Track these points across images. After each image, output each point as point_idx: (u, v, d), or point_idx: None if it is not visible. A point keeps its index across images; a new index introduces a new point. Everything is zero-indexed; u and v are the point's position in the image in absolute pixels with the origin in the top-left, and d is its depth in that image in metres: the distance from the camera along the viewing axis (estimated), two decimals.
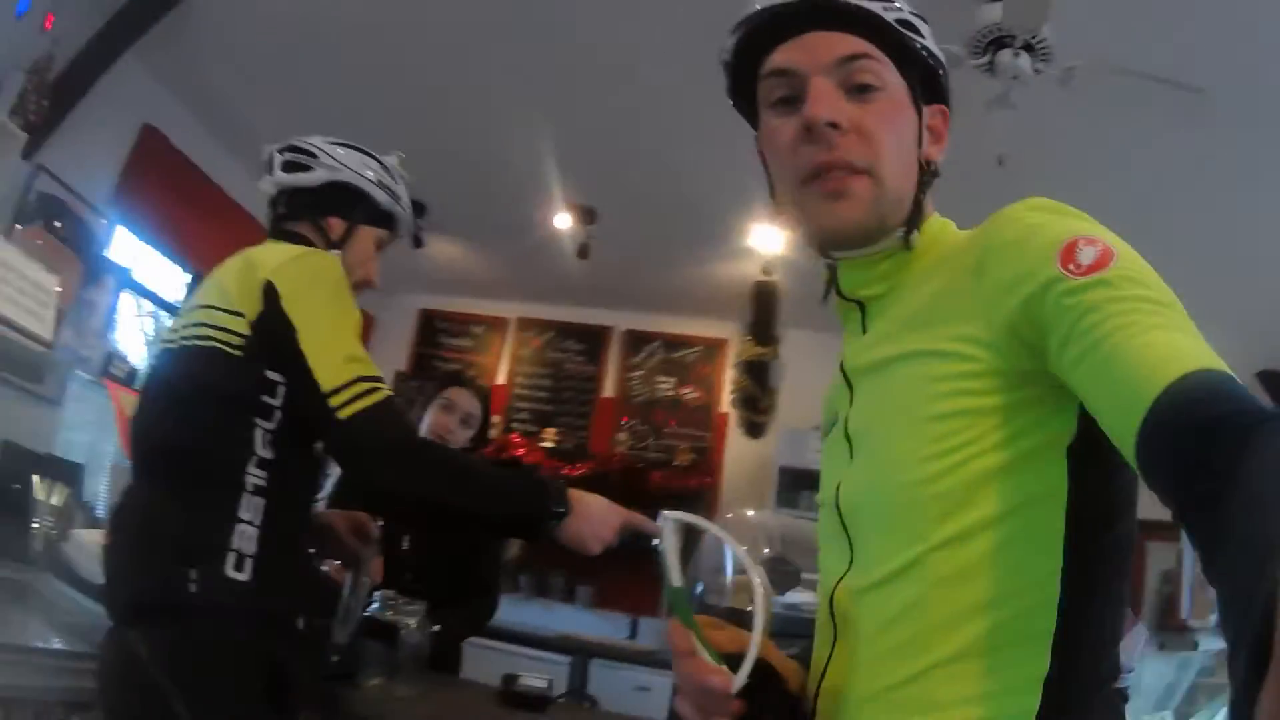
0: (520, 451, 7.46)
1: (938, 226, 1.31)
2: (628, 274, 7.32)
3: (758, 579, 1.18)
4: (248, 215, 6.20)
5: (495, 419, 8.03)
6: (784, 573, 2.89)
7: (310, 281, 2.04)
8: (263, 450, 1.97)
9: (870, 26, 1.24)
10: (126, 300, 5.18)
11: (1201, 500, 0.71)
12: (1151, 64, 3.82)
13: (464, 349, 8.63)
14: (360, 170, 2.42)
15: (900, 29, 1.25)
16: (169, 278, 6.12)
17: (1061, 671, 1.02)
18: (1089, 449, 1.03)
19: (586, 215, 6.35)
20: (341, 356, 1.95)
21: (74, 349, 3.03)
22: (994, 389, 1.06)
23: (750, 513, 3.73)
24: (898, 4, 1.27)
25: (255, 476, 1.96)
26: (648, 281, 7.51)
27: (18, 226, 4.10)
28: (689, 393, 8.23)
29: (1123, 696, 1.10)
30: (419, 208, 6.50)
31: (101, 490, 3.13)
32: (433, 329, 8.66)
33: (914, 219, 1.26)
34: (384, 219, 2.49)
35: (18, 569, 2.72)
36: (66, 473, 3.09)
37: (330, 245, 2.34)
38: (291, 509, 2.06)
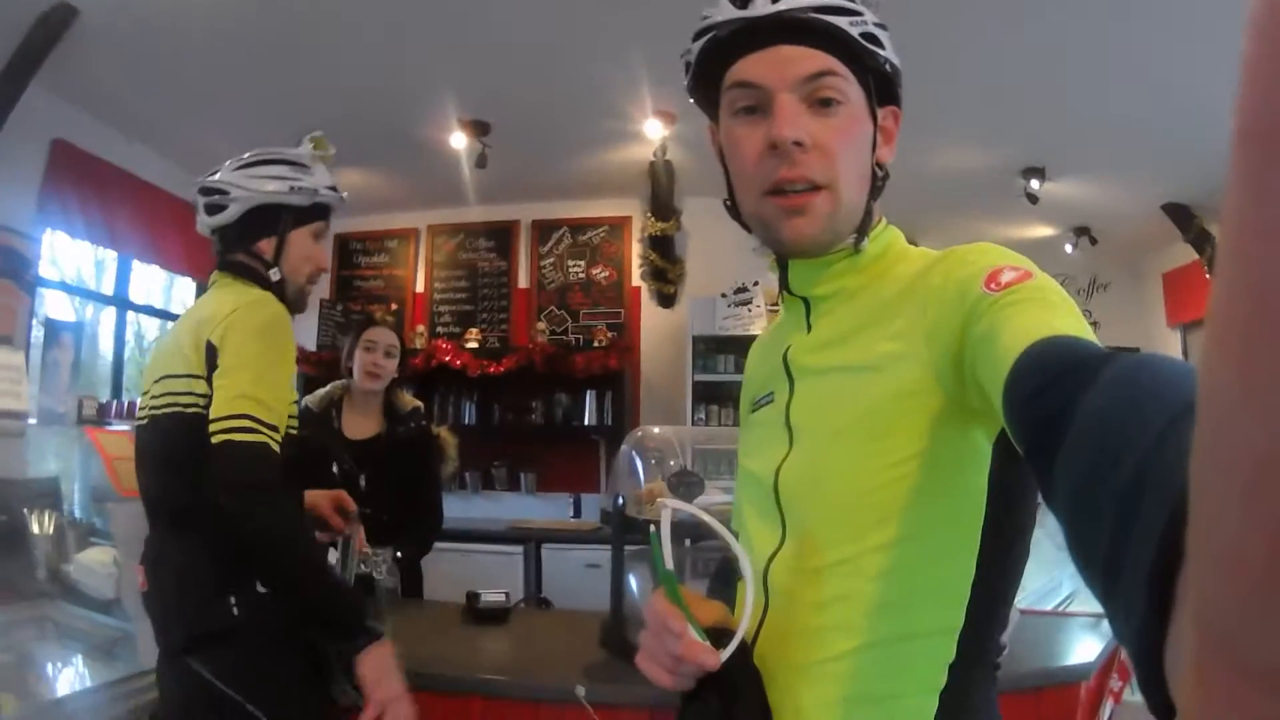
0: (447, 357, 7.59)
1: (889, 237, 1.38)
2: (528, 169, 7.33)
3: (747, 564, 1.24)
4: (165, 194, 6.67)
5: (420, 328, 8.29)
6: (690, 483, 3.17)
7: (238, 332, 2.23)
8: None
9: (835, 41, 1.27)
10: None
11: (1044, 431, 0.76)
12: None
13: (381, 265, 8.76)
14: (268, 188, 2.48)
15: (864, 43, 1.29)
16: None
17: (964, 658, 1.18)
18: (1007, 473, 1.15)
19: (480, 129, 6.44)
20: (237, 393, 2.14)
21: (50, 409, 3.18)
22: (929, 412, 1.14)
23: (657, 429, 3.98)
24: (864, 16, 1.30)
25: None
26: (548, 173, 7.56)
27: None
28: (600, 272, 8.40)
29: (997, 667, 1.38)
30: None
31: (81, 509, 3.25)
32: (349, 251, 8.81)
33: (864, 226, 1.33)
34: (310, 213, 2.56)
35: (30, 605, 2.91)
36: (48, 493, 3.14)
37: (267, 265, 2.49)
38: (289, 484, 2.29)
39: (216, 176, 2.50)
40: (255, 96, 6.07)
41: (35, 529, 3.03)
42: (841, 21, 1.27)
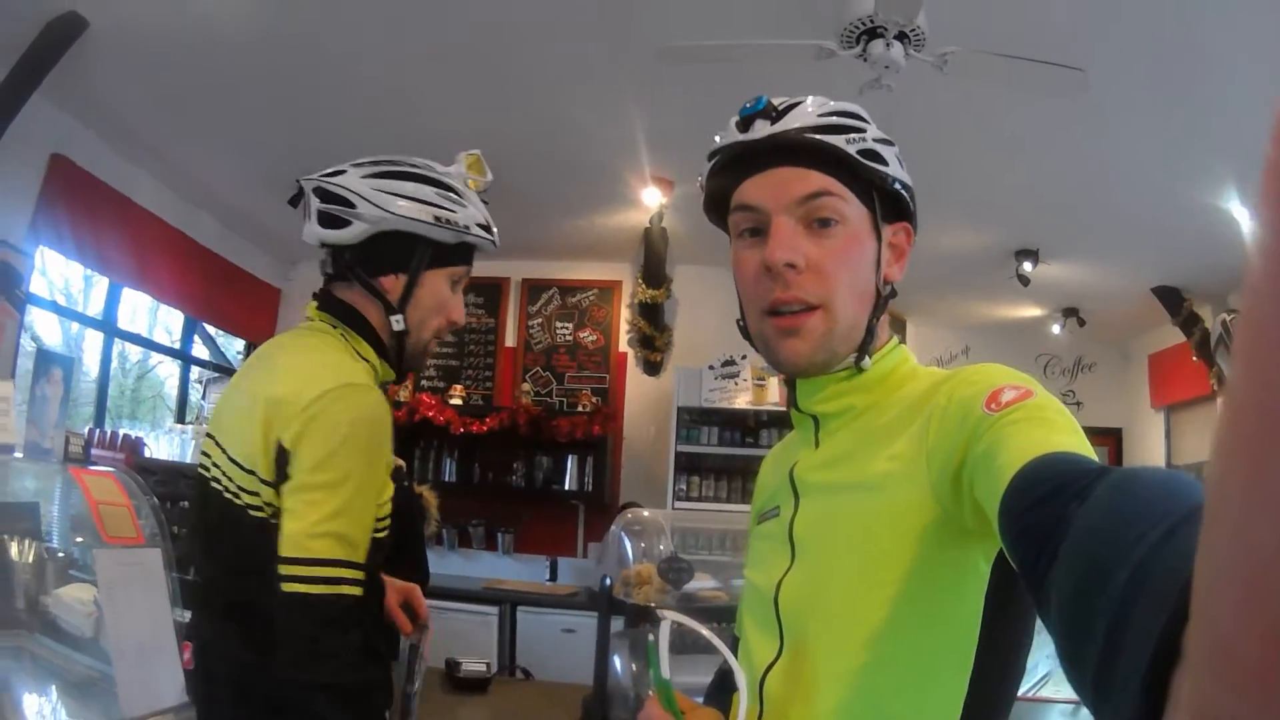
0: (431, 412, 7.54)
1: (897, 357, 1.38)
2: (521, 227, 7.27)
3: (742, 676, 1.27)
4: (159, 220, 6.62)
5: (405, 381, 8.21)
6: (679, 569, 3.16)
7: (317, 433, 1.82)
8: None
9: (834, 161, 1.30)
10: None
11: (1037, 546, 0.76)
12: (1027, 46, 3.97)
13: None
14: (410, 213, 1.99)
15: (863, 160, 1.30)
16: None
17: None
18: (1003, 593, 1.14)
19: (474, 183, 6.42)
20: (316, 528, 1.77)
21: (37, 443, 3.09)
22: (926, 532, 1.15)
23: (646, 513, 3.97)
24: (864, 133, 1.32)
25: None
26: (540, 232, 7.56)
27: None
28: (587, 336, 8.39)
29: None
30: (295, 200, 6.48)
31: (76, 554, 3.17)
32: None
33: (865, 344, 1.34)
34: (452, 253, 2.10)
35: (7, 634, 2.82)
36: (25, 518, 3.03)
37: (389, 310, 2.03)
38: (370, 594, 1.89)
39: (340, 179, 2.02)
40: (261, 132, 6.06)
41: (14, 555, 2.94)
42: (838, 140, 1.30)
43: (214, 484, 1.94)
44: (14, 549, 2.92)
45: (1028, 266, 7.17)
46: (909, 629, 1.17)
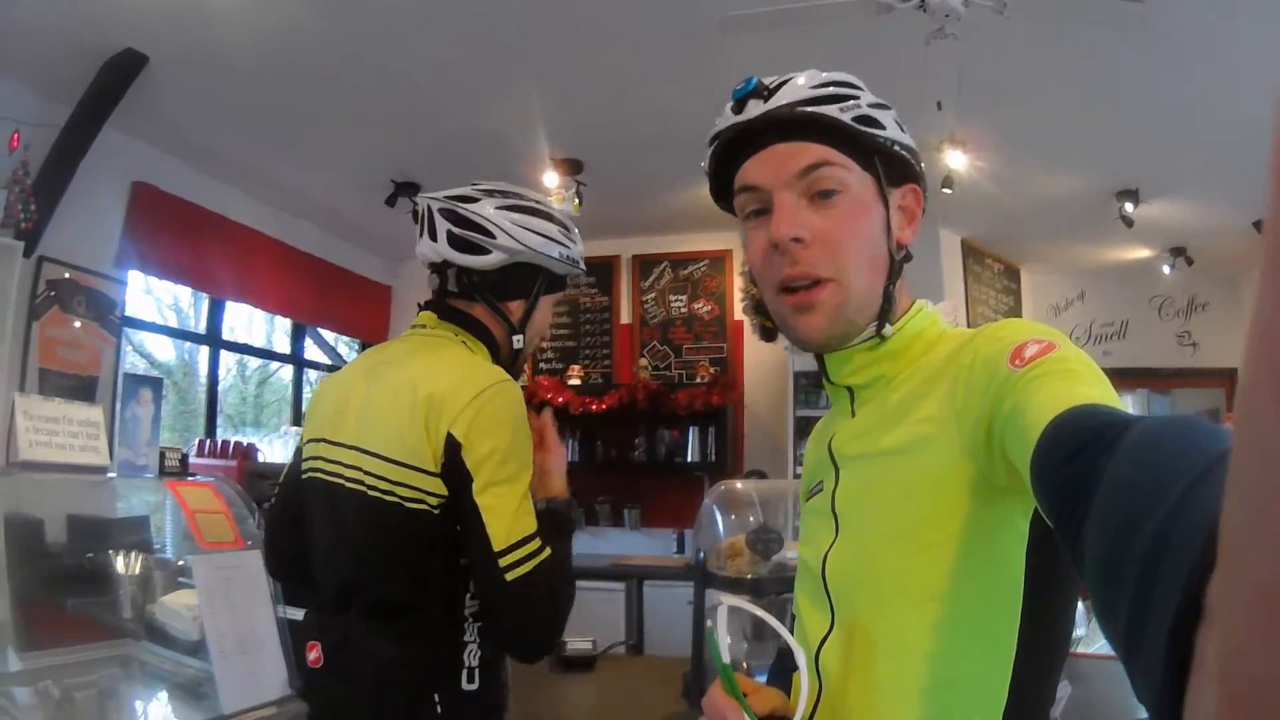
0: (548, 394, 7.61)
1: (923, 321, 1.37)
2: (626, 204, 7.37)
3: (801, 657, 1.26)
4: (255, 232, 6.84)
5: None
6: (768, 540, 3.14)
7: (490, 427, 1.96)
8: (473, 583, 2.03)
9: (829, 131, 1.29)
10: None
11: (1069, 501, 0.76)
12: None
13: None
14: (542, 249, 2.18)
15: (859, 127, 1.30)
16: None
17: None
18: (1044, 549, 1.13)
19: (573, 167, 6.48)
20: (512, 513, 1.93)
21: (130, 461, 3.21)
22: (963, 493, 1.15)
23: (739, 484, 3.95)
24: (858, 100, 1.32)
25: (470, 605, 2.05)
26: (647, 207, 7.58)
27: (35, 323, 4.42)
28: (702, 307, 8.39)
29: None
30: (413, 188, 6.58)
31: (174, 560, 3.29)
32: None
33: (885, 311, 1.32)
34: (560, 282, 2.31)
35: (114, 643, 2.94)
36: (135, 533, 3.15)
37: (510, 329, 2.21)
38: None
39: (475, 208, 2.14)
40: (345, 138, 6.18)
41: (121, 568, 3.07)
42: (831, 109, 1.29)
43: (349, 485, 2.05)
44: (120, 562, 3.04)
45: (1129, 207, 6.98)
46: (955, 591, 1.17)
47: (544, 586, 1.94)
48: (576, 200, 2.12)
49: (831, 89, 1.32)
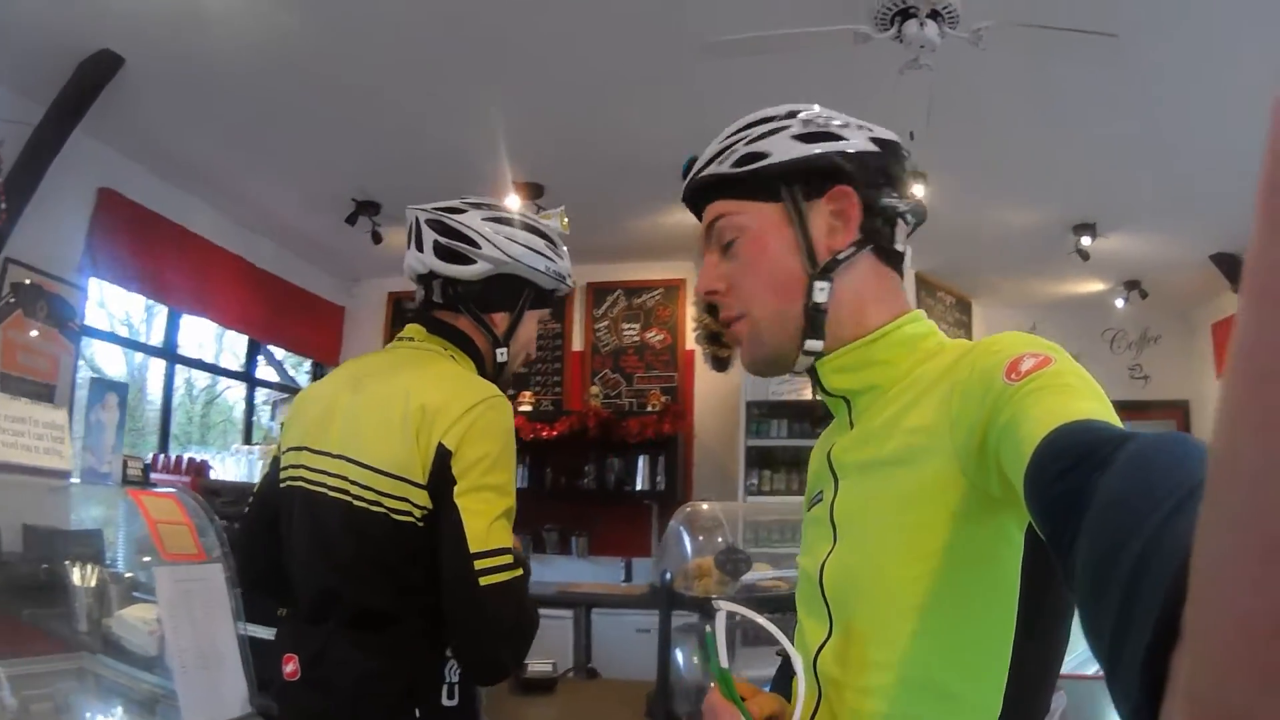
0: None
1: (916, 329, 1.38)
2: (583, 230, 7.32)
3: (798, 660, 1.32)
4: (215, 246, 6.75)
5: None
6: (737, 560, 3.14)
7: (480, 438, 1.94)
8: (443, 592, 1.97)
9: (720, 185, 1.40)
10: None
11: (1062, 516, 0.77)
12: (1058, 15, 3.93)
13: None
14: (526, 260, 2.16)
15: (740, 169, 1.37)
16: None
17: None
18: (1039, 562, 1.13)
19: (534, 191, 6.48)
20: (491, 520, 1.89)
21: (94, 468, 3.15)
22: (956, 504, 1.15)
23: (704, 506, 3.95)
24: (736, 139, 1.38)
25: None
26: (602, 235, 7.57)
27: None
28: (654, 335, 8.40)
29: None
30: (373, 207, 6.54)
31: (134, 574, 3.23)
32: (402, 310, 8.62)
33: (812, 324, 1.35)
34: (546, 298, 2.28)
35: (71, 656, 2.88)
36: (90, 545, 3.10)
37: (495, 342, 2.20)
38: None
39: (462, 219, 2.15)
40: (311, 155, 6.14)
41: (77, 580, 3.01)
42: (713, 167, 1.40)
43: (332, 494, 2.02)
44: (76, 574, 2.99)
45: (1086, 240, 7.09)
46: (949, 600, 1.18)
47: (514, 602, 1.91)
48: (565, 219, 2.08)
49: (720, 144, 1.41)
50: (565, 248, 2.31)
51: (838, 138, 1.38)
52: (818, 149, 1.37)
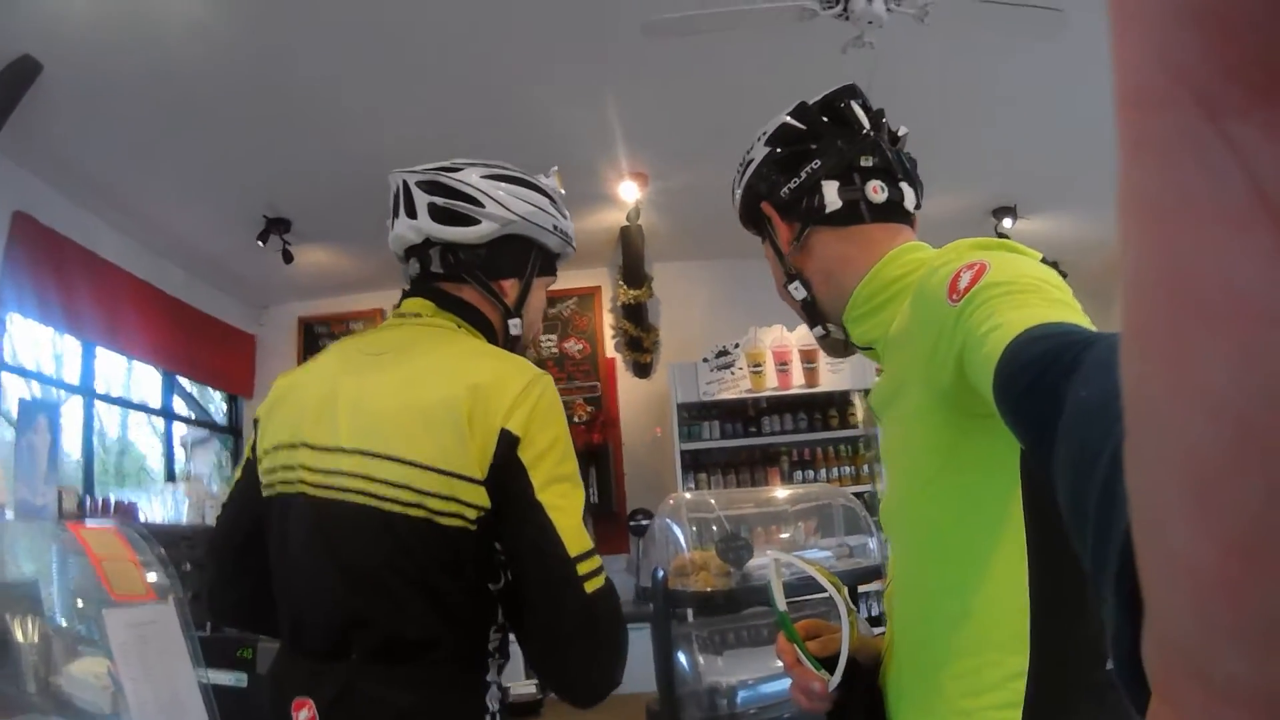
0: None
1: (893, 270, 1.43)
2: None
3: (841, 603, 1.39)
4: (125, 274, 6.44)
5: None
6: (739, 547, 2.94)
7: (547, 419, 1.71)
8: (500, 615, 1.74)
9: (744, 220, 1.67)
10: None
11: (1039, 432, 0.77)
12: None
13: None
14: (533, 218, 1.94)
15: (747, 226, 1.66)
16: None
17: (1040, 665, 1.17)
18: (1040, 482, 1.12)
19: None
20: (579, 518, 1.66)
21: (28, 500, 2.87)
22: (946, 426, 1.21)
23: (688, 495, 3.78)
24: (735, 205, 1.65)
25: (494, 639, 1.74)
26: None
27: None
28: (573, 345, 8.27)
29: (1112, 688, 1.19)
30: (284, 224, 6.31)
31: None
32: (314, 335, 8.34)
33: (809, 319, 1.60)
34: (551, 263, 2.06)
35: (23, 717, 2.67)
36: (29, 597, 2.99)
37: (506, 312, 1.94)
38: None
39: (460, 176, 1.91)
40: (222, 173, 5.91)
41: (19, 637, 2.76)
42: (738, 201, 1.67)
43: (352, 498, 1.69)
44: (18, 629, 2.76)
45: (1007, 223, 7.18)
46: (951, 523, 1.25)
47: (618, 608, 1.68)
48: (560, 177, 1.87)
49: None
50: (566, 208, 2.08)
51: (749, 164, 1.59)
52: (744, 184, 1.61)
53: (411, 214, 1.91)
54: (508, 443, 1.64)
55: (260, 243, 6.56)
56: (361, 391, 1.77)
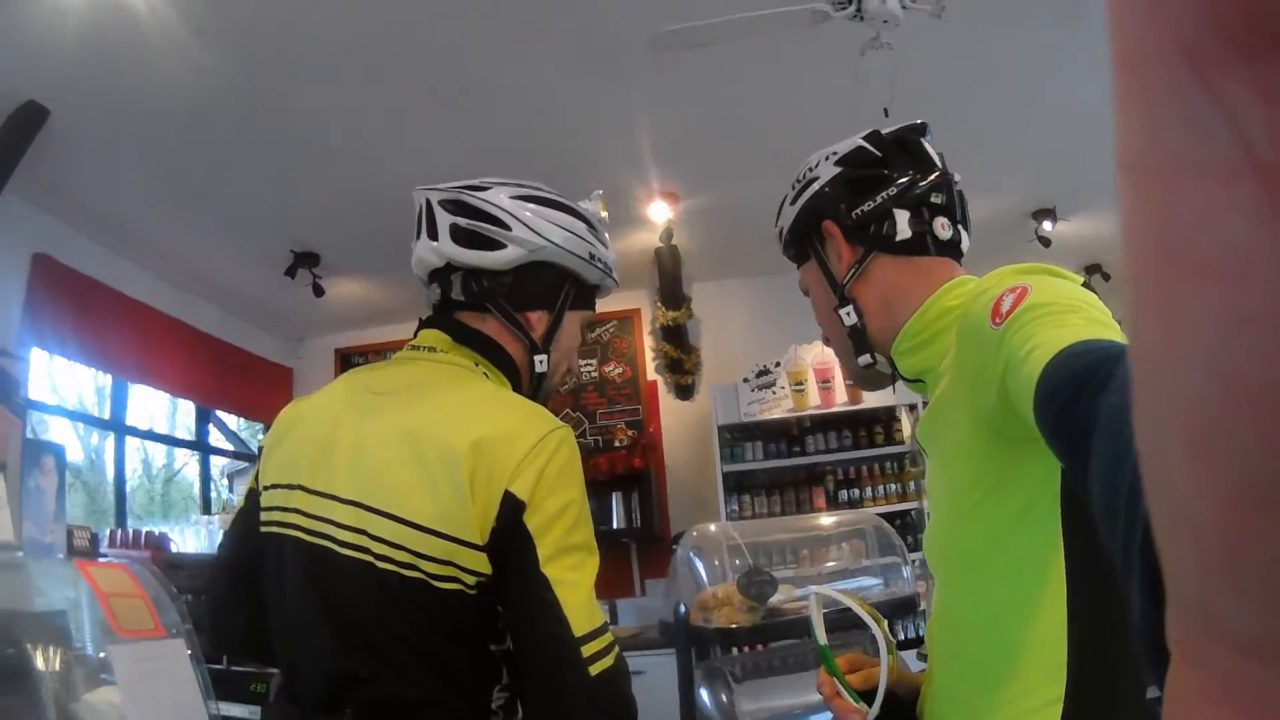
0: None
1: (949, 301, 1.44)
2: None
3: (880, 636, 1.43)
4: (155, 311, 6.48)
5: None
6: (762, 582, 2.83)
7: (557, 483, 1.57)
8: (504, 676, 1.63)
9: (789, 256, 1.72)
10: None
11: (1076, 446, 0.75)
12: None
13: None
14: (567, 244, 1.80)
15: (782, 243, 1.70)
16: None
17: (1078, 691, 1.17)
18: (1079, 503, 1.09)
19: None
20: (589, 593, 1.54)
21: (37, 539, 2.86)
22: (988, 460, 1.23)
23: (712, 528, 3.66)
24: (780, 221, 1.69)
25: (499, 698, 1.62)
26: None
27: None
28: (613, 369, 8.20)
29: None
30: (313, 258, 6.29)
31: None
32: (350, 366, 8.04)
33: (856, 346, 1.57)
34: (588, 295, 1.92)
35: None
36: (55, 628, 2.99)
37: (532, 348, 1.81)
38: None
39: (486, 195, 1.78)
40: (247, 212, 5.92)
41: (41, 665, 2.74)
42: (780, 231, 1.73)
43: (345, 551, 1.59)
44: (40, 658, 2.75)
45: (1047, 226, 7.03)
46: (993, 553, 1.26)
47: (626, 690, 1.56)
48: (604, 202, 1.72)
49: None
50: (608, 235, 1.94)
51: (812, 181, 1.60)
52: (802, 201, 1.61)
53: (433, 235, 1.78)
54: (511, 507, 1.53)
55: (289, 277, 6.57)
56: (362, 436, 1.66)
